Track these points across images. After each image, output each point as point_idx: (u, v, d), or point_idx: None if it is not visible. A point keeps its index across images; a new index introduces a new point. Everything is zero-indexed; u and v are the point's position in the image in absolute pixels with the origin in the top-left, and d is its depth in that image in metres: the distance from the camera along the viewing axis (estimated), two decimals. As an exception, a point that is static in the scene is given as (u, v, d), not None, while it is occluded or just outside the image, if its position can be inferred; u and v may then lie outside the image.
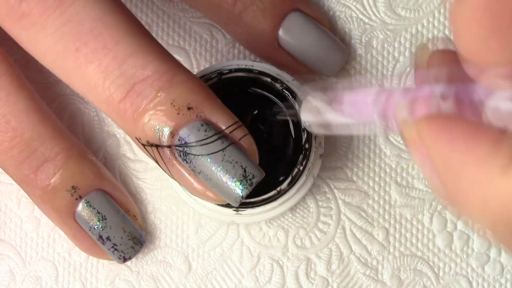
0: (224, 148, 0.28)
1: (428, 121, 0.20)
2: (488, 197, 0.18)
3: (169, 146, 0.28)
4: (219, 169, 0.28)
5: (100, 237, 0.36)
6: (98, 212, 0.36)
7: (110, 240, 0.36)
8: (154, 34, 0.39)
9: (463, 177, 0.19)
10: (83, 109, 0.40)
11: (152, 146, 0.28)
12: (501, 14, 0.17)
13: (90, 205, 0.36)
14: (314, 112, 0.26)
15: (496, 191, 0.18)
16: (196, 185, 0.29)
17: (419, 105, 0.21)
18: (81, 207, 0.35)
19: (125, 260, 0.37)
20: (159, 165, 0.29)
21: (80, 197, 0.35)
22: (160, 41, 0.39)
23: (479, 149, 0.19)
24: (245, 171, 0.28)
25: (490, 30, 0.17)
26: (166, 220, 0.39)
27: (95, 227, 0.36)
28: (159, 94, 0.28)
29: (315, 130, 0.27)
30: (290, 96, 0.33)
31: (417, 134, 0.20)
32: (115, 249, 0.36)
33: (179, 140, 0.28)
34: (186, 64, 0.39)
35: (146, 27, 0.39)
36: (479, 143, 0.19)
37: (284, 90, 0.33)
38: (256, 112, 0.34)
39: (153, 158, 0.29)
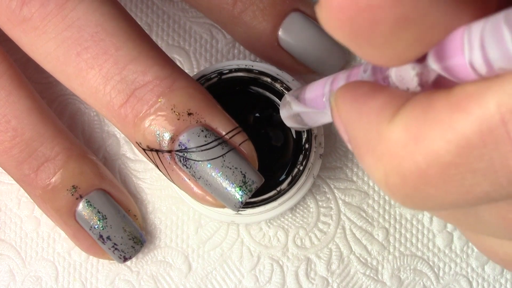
0: (224, 153, 0.28)
1: (342, 87, 0.21)
2: (379, 150, 0.18)
3: (169, 151, 0.28)
4: (219, 174, 0.28)
5: (101, 236, 0.36)
6: (99, 212, 0.36)
7: (110, 239, 0.36)
8: (154, 34, 0.39)
9: (360, 132, 0.19)
10: (83, 109, 0.40)
11: (152, 151, 0.29)
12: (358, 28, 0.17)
13: (91, 205, 0.36)
14: (287, 107, 0.28)
15: (385, 141, 0.18)
16: (196, 190, 0.29)
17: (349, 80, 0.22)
18: (81, 206, 0.35)
19: (125, 259, 0.37)
20: (159, 169, 0.29)
21: (81, 197, 0.35)
22: (160, 41, 0.39)
23: (374, 103, 0.19)
24: (244, 177, 0.28)
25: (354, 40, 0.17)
26: (166, 220, 0.39)
27: (96, 226, 0.36)
28: (159, 100, 0.28)
29: (289, 124, 0.28)
30: (290, 96, 0.33)
31: (335, 102, 0.21)
32: (116, 249, 0.36)
33: (179, 145, 0.28)
34: (186, 64, 0.39)
35: (146, 27, 0.39)
36: (376, 98, 0.19)
37: (284, 90, 0.33)
38: (257, 114, 0.34)
39: (153, 162, 0.29)
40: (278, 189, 0.32)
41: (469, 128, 0.16)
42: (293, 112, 0.27)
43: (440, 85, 0.18)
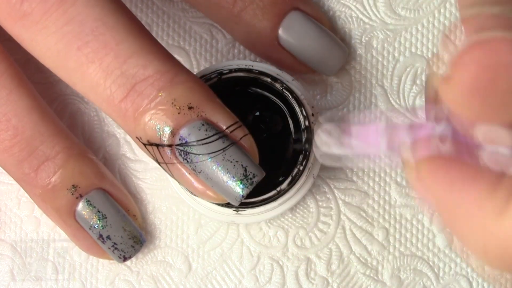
0: (225, 147, 0.28)
1: (428, 163, 0.20)
2: (486, 240, 0.18)
3: (169, 146, 0.28)
4: (219, 168, 0.28)
5: (100, 236, 0.36)
6: (99, 211, 0.36)
7: (110, 239, 0.36)
8: (154, 34, 0.39)
9: (462, 219, 0.19)
10: (83, 109, 0.40)
11: (152, 146, 0.29)
12: (488, 95, 0.17)
13: (91, 204, 0.36)
14: (324, 147, 0.26)
15: (494, 233, 0.18)
16: (197, 184, 0.29)
17: (420, 146, 0.21)
18: (81, 206, 0.35)
19: (125, 259, 0.37)
20: (159, 164, 0.29)
21: (81, 196, 0.35)
22: (160, 41, 0.39)
23: (476, 191, 0.19)
24: (245, 170, 0.28)
25: (480, 108, 0.18)
26: (166, 220, 0.39)
27: (95, 226, 0.36)
28: (160, 94, 0.28)
29: (328, 163, 0.27)
30: (290, 96, 0.33)
31: (418, 175, 0.20)
32: (115, 248, 0.36)
33: (179, 139, 0.28)
34: (186, 64, 0.39)
35: (146, 27, 0.39)
36: (477, 185, 0.19)
37: (284, 90, 0.33)
38: (257, 113, 0.35)
39: (153, 157, 0.29)
40: (278, 189, 0.32)
41: None
42: (335, 153, 0.26)
43: None
